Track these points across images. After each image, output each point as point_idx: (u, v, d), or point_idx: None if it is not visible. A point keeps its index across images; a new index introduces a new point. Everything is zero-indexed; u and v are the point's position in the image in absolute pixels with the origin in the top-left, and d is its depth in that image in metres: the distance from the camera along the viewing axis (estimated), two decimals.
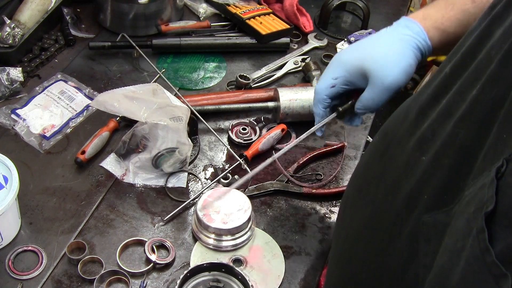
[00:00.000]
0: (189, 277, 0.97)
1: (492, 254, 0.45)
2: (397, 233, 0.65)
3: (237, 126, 1.28)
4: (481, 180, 0.52)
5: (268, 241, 1.07)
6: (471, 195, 0.53)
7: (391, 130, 0.77)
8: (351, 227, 0.80)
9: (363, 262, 0.73)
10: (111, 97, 1.12)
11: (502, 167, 0.48)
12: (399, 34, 0.80)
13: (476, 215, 0.49)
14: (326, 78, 0.85)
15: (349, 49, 0.84)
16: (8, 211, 0.96)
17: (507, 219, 0.46)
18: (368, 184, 0.78)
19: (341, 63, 0.82)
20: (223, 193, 1.07)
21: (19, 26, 1.32)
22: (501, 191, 0.47)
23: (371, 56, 0.79)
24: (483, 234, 0.47)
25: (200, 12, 1.56)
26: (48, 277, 0.98)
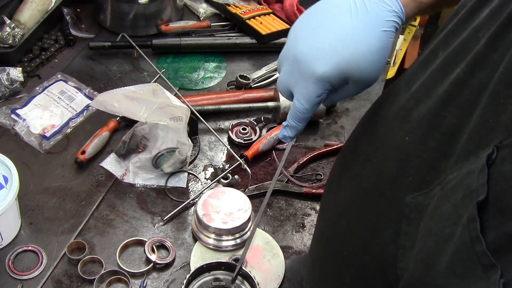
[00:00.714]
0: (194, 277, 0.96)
1: (483, 243, 0.45)
2: (381, 212, 0.64)
3: (237, 126, 1.28)
4: (467, 165, 0.51)
5: (268, 241, 1.07)
6: (456, 180, 0.52)
7: (380, 106, 0.74)
8: (336, 204, 0.78)
9: (345, 239, 0.72)
10: (111, 97, 1.12)
11: (493, 154, 0.47)
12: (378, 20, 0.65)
13: (465, 202, 0.48)
14: (310, 98, 0.68)
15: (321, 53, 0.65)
16: (8, 211, 0.96)
17: (498, 208, 0.46)
18: (355, 161, 0.75)
19: (323, 78, 0.65)
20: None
21: (19, 26, 1.32)
22: (492, 179, 0.47)
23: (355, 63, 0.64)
24: (475, 223, 0.46)
25: (200, 12, 1.56)
26: (48, 277, 0.98)
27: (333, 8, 0.66)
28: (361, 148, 0.74)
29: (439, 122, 0.58)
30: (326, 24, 0.65)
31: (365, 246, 0.67)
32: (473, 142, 0.52)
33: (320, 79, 0.65)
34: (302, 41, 0.66)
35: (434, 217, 0.54)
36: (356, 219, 0.70)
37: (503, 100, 0.49)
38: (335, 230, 0.76)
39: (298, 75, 0.66)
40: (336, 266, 0.74)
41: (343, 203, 0.75)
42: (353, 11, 0.64)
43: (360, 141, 0.77)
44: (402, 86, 0.68)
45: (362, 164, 0.72)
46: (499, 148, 0.47)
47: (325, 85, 0.66)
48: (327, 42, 0.64)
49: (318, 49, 0.64)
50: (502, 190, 0.46)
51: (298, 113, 0.70)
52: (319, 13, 0.66)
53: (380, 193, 0.65)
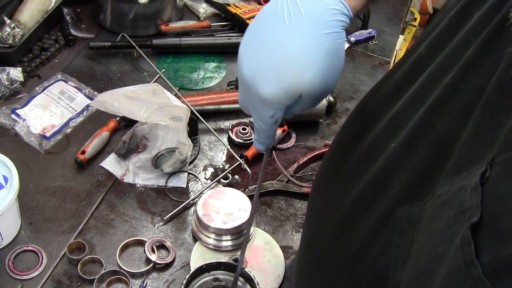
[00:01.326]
0: (194, 277, 0.97)
1: (479, 268, 0.43)
2: (370, 223, 0.62)
3: (237, 126, 1.28)
4: (458, 180, 0.49)
5: (268, 241, 1.07)
6: (448, 196, 0.50)
7: (366, 107, 0.72)
8: (322, 209, 0.76)
9: (335, 249, 0.70)
10: (111, 97, 1.12)
11: (486, 173, 0.45)
12: (317, 23, 0.57)
13: (458, 221, 0.46)
14: (263, 119, 0.63)
15: (263, 76, 0.59)
16: (8, 211, 0.96)
17: (493, 229, 0.44)
18: (340, 164, 0.73)
19: (269, 101, 0.60)
20: None
21: (19, 26, 1.32)
22: (486, 198, 0.44)
23: (300, 79, 0.57)
24: (469, 247, 0.44)
25: (200, 12, 1.56)
26: (48, 277, 0.98)
27: (269, 19, 0.60)
28: (348, 153, 0.72)
29: (428, 130, 0.56)
30: (264, 40, 0.59)
31: (355, 258, 0.65)
32: (465, 156, 0.50)
33: (267, 102, 0.60)
34: (244, 64, 0.61)
35: (426, 233, 0.52)
36: (346, 230, 0.68)
37: (495, 114, 0.47)
38: (324, 240, 0.74)
39: (249, 97, 0.63)
40: (326, 278, 0.72)
41: (332, 212, 0.72)
42: (287, 18, 0.57)
43: (344, 143, 0.75)
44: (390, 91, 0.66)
45: (350, 171, 0.70)
46: (492, 166, 0.45)
47: (275, 106, 0.61)
48: (267, 62, 0.58)
49: (259, 72, 0.59)
50: (497, 211, 0.44)
51: (259, 132, 0.66)
52: (258, 27, 0.61)
53: (368, 202, 0.63)
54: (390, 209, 0.59)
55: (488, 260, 0.43)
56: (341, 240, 0.68)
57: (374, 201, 0.62)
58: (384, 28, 1.62)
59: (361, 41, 1.55)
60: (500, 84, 0.48)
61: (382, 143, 0.63)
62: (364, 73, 1.46)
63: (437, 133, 0.55)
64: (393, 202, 0.59)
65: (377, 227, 0.61)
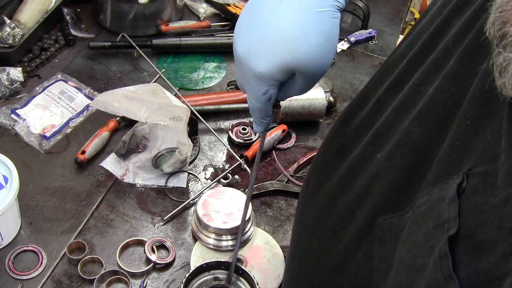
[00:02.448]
0: (194, 276, 0.97)
1: (456, 283, 0.43)
2: (352, 232, 0.62)
3: (237, 126, 1.28)
4: (436, 191, 0.49)
5: (268, 241, 1.07)
6: (426, 207, 0.50)
7: (350, 117, 0.71)
8: (308, 219, 0.75)
9: (319, 258, 0.70)
10: (111, 97, 1.12)
11: (463, 183, 0.45)
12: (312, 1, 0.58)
13: (436, 233, 0.46)
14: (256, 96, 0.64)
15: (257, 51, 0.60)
16: (8, 211, 0.96)
17: (471, 242, 0.43)
18: (324, 174, 0.73)
19: (262, 76, 0.60)
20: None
21: (19, 26, 1.32)
22: (464, 210, 0.44)
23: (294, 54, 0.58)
24: (447, 260, 0.44)
25: (200, 12, 1.56)
26: (48, 277, 0.98)
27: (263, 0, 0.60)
28: (333, 164, 0.72)
29: (407, 138, 0.56)
30: (259, 18, 0.60)
31: (338, 268, 0.65)
32: (443, 166, 0.50)
33: (261, 77, 0.60)
34: (239, 40, 0.62)
35: (405, 244, 0.52)
36: (328, 238, 0.68)
37: (469, 122, 0.47)
38: (309, 249, 0.73)
39: (243, 75, 0.63)
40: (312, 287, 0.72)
41: (316, 220, 0.72)
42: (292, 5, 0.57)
43: (329, 152, 0.75)
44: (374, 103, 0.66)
45: (332, 180, 0.70)
46: (469, 176, 0.45)
47: (268, 81, 0.61)
48: (262, 38, 0.59)
49: (254, 47, 0.60)
50: (474, 223, 0.43)
51: (254, 112, 0.67)
52: (253, 5, 0.62)
53: (351, 211, 0.63)
54: (371, 219, 0.59)
55: (466, 274, 0.43)
56: (325, 250, 0.68)
57: (356, 210, 0.62)
58: (384, 28, 1.62)
59: (361, 41, 1.55)
60: (477, 92, 0.48)
61: (367, 156, 0.63)
62: (364, 73, 1.46)
63: (416, 142, 0.55)
64: (374, 212, 0.59)
65: (359, 237, 0.61)
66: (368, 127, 0.64)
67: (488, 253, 0.42)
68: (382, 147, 0.60)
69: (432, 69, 0.56)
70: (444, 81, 0.53)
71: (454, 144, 0.49)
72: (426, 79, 0.56)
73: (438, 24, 0.58)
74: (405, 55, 0.63)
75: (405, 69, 0.62)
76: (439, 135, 0.52)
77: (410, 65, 0.61)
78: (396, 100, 0.60)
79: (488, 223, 0.42)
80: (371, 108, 0.66)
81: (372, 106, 0.66)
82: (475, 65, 0.50)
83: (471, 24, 0.53)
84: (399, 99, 0.60)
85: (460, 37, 0.53)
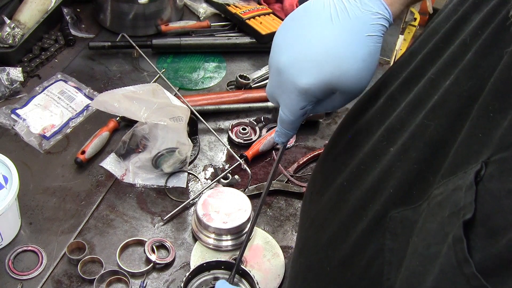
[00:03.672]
0: (194, 276, 0.97)
1: (472, 265, 0.43)
2: (363, 227, 0.62)
3: (237, 126, 1.28)
4: (454, 180, 0.49)
5: (268, 241, 1.07)
6: (443, 196, 0.50)
7: (359, 113, 0.71)
8: (317, 216, 0.75)
9: (327, 253, 0.70)
10: (111, 97, 1.12)
11: (481, 171, 0.45)
12: (362, 25, 0.60)
13: (452, 220, 0.46)
14: (293, 110, 0.65)
15: (303, 66, 0.61)
16: (8, 211, 0.96)
17: (486, 228, 0.43)
18: (333, 170, 0.73)
19: (305, 91, 0.62)
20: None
21: (19, 26, 1.32)
22: (480, 197, 0.44)
23: (339, 74, 0.60)
24: (462, 244, 0.44)
25: (200, 12, 1.56)
26: (48, 277, 0.98)
27: (312, 15, 0.62)
28: (342, 160, 0.72)
29: (422, 131, 0.56)
30: (307, 33, 0.61)
31: (348, 262, 0.65)
32: (462, 156, 0.50)
33: (303, 92, 0.62)
34: (283, 52, 0.63)
35: (420, 234, 0.52)
36: (338, 233, 0.68)
37: (492, 114, 0.47)
38: (317, 244, 0.73)
39: (281, 87, 0.64)
40: (318, 282, 0.72)
41: (325, 215, 0.72)
42: (334, 18, 0.60)
43: (339, 148, 0.75)
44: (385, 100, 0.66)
45: (343, 175, 0.70)
46: (487, 164, 0.45)
47: (309, 97, 0.62)
48: (309, 53, 0.60)
49: (299, 61, 0.61)
50: (490, 209, 0.44)
51: (284, 124, 0.68)
52: (299, 21, 0.63)
53: (362, 206, 0.63)
54: (383, 212, 0.59)
55: (479, 259, 0.43)
56: (334, 244, 0.68)
57: (368, 204, 0.62)
58: None
59: None
60: (498, 85, 0.48)
61: (379, 150, 0.63)
62: None
63: (431, 134, 0.55)
64: (387, 205, 0.59)
65: (370, 230, 0.61)
66: (381, 122, 0.64)
67: (502, 237, 0.42)
68: (396, 141, 0.60)
69: (449, 64, 0.56)
70: (461, 75, 0.54)
71: (475, 136, 0.49)
72: (442, 73, 0.56)
73: (455, 20, 0.59)
74: (419, 52, 0.63)
75: (420, 64, 0.62)
76: (454, 128, 0.52)
77: (425, 60, 0.61)
78: (411, 95, 0.61)
79: (504, 208, 0.43)
80: (383, 103, 0.66)
81: (384, 101, 0.66)
82: (493, 58, 0.50)
83: (490, 18, 0.53)
84: (414, 94, 0.60)
85: (478, 32, 0.53)
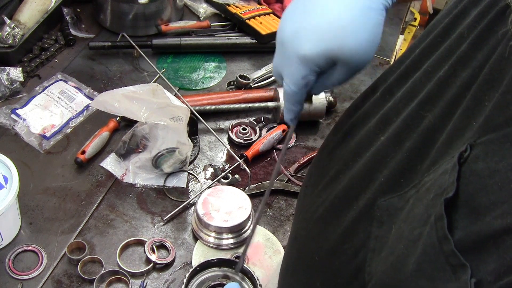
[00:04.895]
0: (196, 273, 0.96)
1: (451, 242, 0.43)
2: (354, 217, 0.63)
3: (237, 126, 1.28)
4: (443, 166, 0.50)
5: (268, 238, 1.07)
6: (431, 182, 0.51)
7: (355, 109, 0.73)
8: (311, 209, 0.76)
9: (317, 244, 0.71)
10: (111, 97, 1.12)
11: (465, 152, 0.46)
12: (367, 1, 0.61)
13: (435, 201, 0.47)
14: (295, 80, 0.65)
15: (304, 33, 0.61)
16: (8, 211, 0.95)
17: (469, 207, 0.44)
18: (327, 163, 0.74)
19: (306, 59, 0.62)
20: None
21: (19, 26, 1.32)
22: (464, 177, 0.45)
23: (341, 43, 0.60)
24: (442, 222, 0.44)
25: (200, 12, 1.56)
26: (48, 277, 0.98)
27: None
28: (336, 152, 0.73)
29: (418, 122, 0.57)
30: (311, 6, 0.62)
31: (336, 252, 0.66)
32: (451, 142, 0.51)
33: (304, 60, 0.61)
34: (287, 23, 0.63)
35: (407, 220, 0.53)
36: (329, 224, 0.68)
37: (487, 103, 0.48)
38: (308, 235, 0.74)
39: (285, 58, 0.64)
40: (307, 272, 0.73)
41: (319, 208, 0.73)
42: None
43: (335, 142, 0.75)
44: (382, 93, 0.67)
45: (337, 168, 0.71)
46: (473, 146, 0.46)
47: (310, 66, 0.62)
48: (312, 24, 0.60)
49: (301, 29, 0.61)
50: (474, 189, 0.44)
51: (288, 96, 0.67)
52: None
53: (353, 196, 0.64)
54: (372, 201, 0.60)
55: (460, 236, 0.43)
56: (324, 234, 0.69)
57: (359, 194, 0.63)
58: (384, 28, 1.60)
59: None
60: (493, 75, 0.49)
61: (370, 139, 0.64)
62: (364, 73, 1.46)
63: (425, 125, 0.56)
64: (376, 194, 0.60)
65: (358, 219, 0.62)
66: (375, 113, 0.65)
67: (484, 216, 0.43)
68: (388, 131, 0.61)
69: (445, 56, 0.57)
70: (456, 65, 0.54)
71: (465, 122, 0.49)
72: (438, 65, 0.57)
73: (455, 14, 0.59)
74: (417, 46, 0.64)
75: (417, 58, 0.63)
76: (446, 117, 0.53)
77: (422, 54, 0.62)
78: (406, 86, 0.61)
79: (488, 188, 0.43)
80: (379, 97, 0.67)
81: (380, 95, 0.66)
82: (488, 48, 0.51)
83: (487, 11, 0.53)
84: (409, 86, 0.61)
85: (476, 25, 0.54)
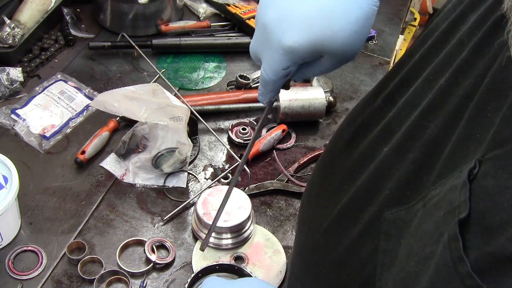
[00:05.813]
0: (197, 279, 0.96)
1: (467, 264, 0.42)
2: (360, 229, 0.62)
3: (237, 126, 1.28)
4: (450, 180, 0.49)
5: (268, 238, 1.07)
6: (439, 197, 0.50)
7: (358, 115, 0.71)
8: (315, 220, 0.75)
9: (324, 256, 0.70)
10: (111, 97, 1.12)
11: (475, 169, 0.45)
12: None
13: (447, 220, 0.46)
14: (275, 69, 0.60)
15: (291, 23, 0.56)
16: (8, 211, 0.95)
17: (481, 225, 0.43)
18: (330, 172, 0.73)
19: (291, 50, 0.57)
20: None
21: (19, 26, 1.32)
22: (474, 195, 0.44)
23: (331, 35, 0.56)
24: (457, 243, 0.43)
25: (200, 12, 1.56)
26: (48, 277, 0.98)
27: None
28: (339, 161, 0.72)
29: (421, 132, 0.55)
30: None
31: (343, 265, 0.65)
32: (458, 156, 0.49)
33: (288, 51, 0.57)
34: (272, 6, 0.58)
35: (415, 235, 0.52)
36: (336, 236, 0.67)
37: (490, 114, 0.47)
38: (315, 247, 0.73)
39: (266, 44, 0.59)
40: (316, 284, 0.72)
41: (323, 219, 0.72)
42: None
43: (337, 150, 0.74)
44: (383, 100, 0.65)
45: (341, 179, 0.69)
46: (481, 162, 0.45)
47: (293, 57, 0.58)
48: (300, 10, 0.56)
49: (288, 18, 0.56)
50: (485, 207, 0.43)
51: (265, 83, 0.63)
52: None
53: (359, 209, 0.63)
54: (378, 213, 0.59)
55: (475, 257, 0.43)
56: (330, 246, 0.68)
57: (365, 207, 0.62)
58: (384, 28, 1.62)
59: None
60: (495, 84, 0.48)
61: (374, 150, 0.62)
62: (364, 73, 1.46)
63: (429, 135, 0.55)
64: (382, 206, 0.59)
65: (364, 232, 0.61)
66: (377, 122, 0.64)
67: (498, 235, 0.42)
68: (392, 142, 0.59)
69: (446, 63, 0.55)
70: (457, 74, 0.53)
71: (471, 135, 0.48)
72: (439, 73, 0.56)
73: (453, 19, 0.58)
74: (416, 51, 0.62)
75: (417, 64, 0.61)
76: (450, 128, 0.51)
77: (422, 60, 0.60)
78: (407, 95, 0.60)
79: (499, 205, 0.42)
80: (380, 104, 0.65)
81: (381, 102, 0.65)
82: (489, 56, 0.49)
83: (486, 17, 0.52)
84: (411, 94, 0.59)
85: (475, 31, 0.53)
